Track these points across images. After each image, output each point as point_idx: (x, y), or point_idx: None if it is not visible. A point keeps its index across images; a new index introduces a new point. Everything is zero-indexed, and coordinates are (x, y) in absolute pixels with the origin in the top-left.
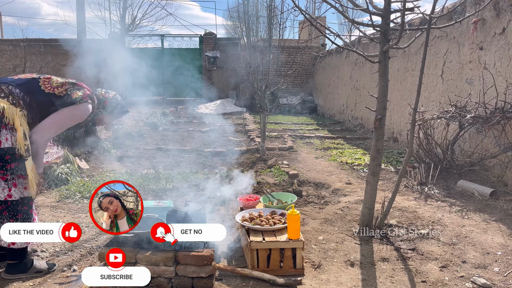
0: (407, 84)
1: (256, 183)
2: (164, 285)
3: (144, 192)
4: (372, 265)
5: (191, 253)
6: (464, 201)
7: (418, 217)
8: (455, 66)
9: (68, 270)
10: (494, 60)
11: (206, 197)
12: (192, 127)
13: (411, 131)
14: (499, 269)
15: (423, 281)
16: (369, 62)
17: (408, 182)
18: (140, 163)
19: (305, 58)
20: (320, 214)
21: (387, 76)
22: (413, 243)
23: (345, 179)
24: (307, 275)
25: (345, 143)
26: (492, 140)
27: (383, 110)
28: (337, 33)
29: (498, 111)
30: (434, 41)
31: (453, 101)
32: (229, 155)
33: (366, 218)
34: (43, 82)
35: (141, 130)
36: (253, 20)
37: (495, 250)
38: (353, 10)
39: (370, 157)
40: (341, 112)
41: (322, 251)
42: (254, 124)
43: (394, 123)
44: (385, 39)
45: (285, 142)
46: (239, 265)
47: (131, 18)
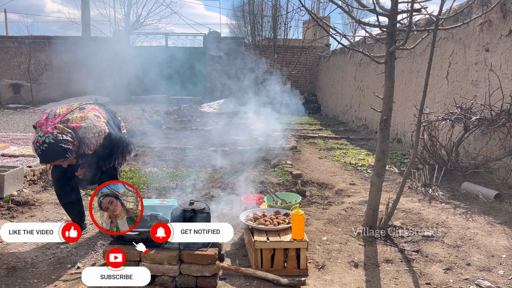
0: (412, 85)
1: (259, 182)
2: (168, 283)
3: (148, 191)
4: (376, 267)
5: (195, 252)
6: (469, 203)
7: (422, 218)
8: (461, 68)
9: (73, 267)
10: (500, 62)
11: (209, 195)
12: (195, 126)
13: (417, 132)
14: (504, 272)
15: (427, 283)
16: (373, 63)
17: (412, 183)
18: (144, 161)
19: (309, 58)
20: (323, 215)
21: (393, 77)
22: (417, 245)
23: (348, 179)
24: (311, 275)
25: (348, 144)
26: (497, 143)
27: (388, 111)
28: (343, 33)
29: (503, 113)
30: (440, 42)
31: (458, 102)
32: (232, 154)
33: (370, 219)
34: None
35: (145, 129)
36: (258, 20)
37: (499, 253)
38: (357, 10)
39: (375, 158)
40: (345, 113)
41: (326, 252)
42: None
43: (398, 124)
44: (391, 40)
45: (289, 142)
46: (243, 264)
47: (136, 16)
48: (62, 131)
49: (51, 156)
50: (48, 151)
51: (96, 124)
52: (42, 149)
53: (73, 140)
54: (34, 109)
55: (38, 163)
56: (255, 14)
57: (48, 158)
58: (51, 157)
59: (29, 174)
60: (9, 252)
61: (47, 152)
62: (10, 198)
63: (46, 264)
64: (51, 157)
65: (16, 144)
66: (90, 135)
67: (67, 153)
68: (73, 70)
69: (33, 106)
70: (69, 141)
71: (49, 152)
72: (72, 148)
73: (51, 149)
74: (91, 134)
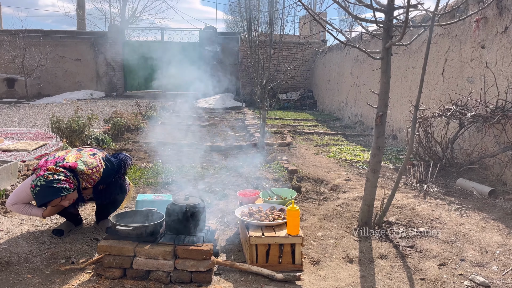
0: (408, 81)
1: (255, 178)
2: (163, 279)
3: (143, 186)
4: (371, 262)
5: (190, 247)
6: (463, 200)
7: (417, 214)
8: (456, 64)
9: (67, 262)
10: (496, 59)
11: (205, 191)
12: (191, 121)
13: (412, 128)
14: (497, 267)
15: (421, 279)
16: (370, 59)
17: (407, 179)
18: (139, 156)
19: (306, 54)
20: (319, 210)
21: (389, 73)
22: (411, 241)
23: (344, 175)
24: (306, 270)
25: (344, 140)
26: (492, 139)
27: (384, 107)
28: (340, 28)
29: (498, 110)
30: (435, 38)
31: (453, 99)
32: (228, 149)
33: (365, 215)
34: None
35: (140, 124)
36: (254, 15)
37: (493, 249)
38: (354, 6)
39: (370, 154)
40: (341, 109)
41: (321, 247)
42: (254, 119)
43: (394, 121)
44: (388, 36)
45: (285, 138)
46: (238, 260)
47: (131, 10)
48: (54, 172)
49: (45, 197)
50: (41, 193)
51: (92, 161)
52: (36, 192)
53: (67, 179)
54: (28, 103)
55: (32, 158)
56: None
57: (43, 199)
58: (45, 198)
59: (23, 169)
60: (3, 247)
61: (40, 194)
62: (3, 193)
63: (40, 259)
64: (45, 198)
65: (10, 138)
66: (89, 172)
67: (62, 192)
68: (68, 64)
69: (27, 101)
70: (61, 180)
71: (42, 194)
72: (67, 186)
73: (43, 190)
74: (89, 171)
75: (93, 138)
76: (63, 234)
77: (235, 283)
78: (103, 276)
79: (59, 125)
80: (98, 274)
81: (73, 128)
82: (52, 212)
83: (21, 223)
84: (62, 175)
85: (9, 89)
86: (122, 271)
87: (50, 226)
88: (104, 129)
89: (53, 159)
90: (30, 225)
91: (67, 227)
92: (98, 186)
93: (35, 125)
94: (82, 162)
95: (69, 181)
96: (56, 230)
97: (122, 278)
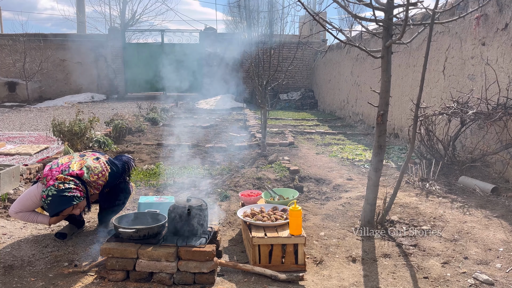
0: (408, 79)
1: (257, 178)
2: (166, 280)
3: (145, 188)
4: (374, 261)
5: (192, 249)
6: (466, 197)
7: (420, 213)
8: (457, 62)
9: (70, 265)
10: (497, 56)
11: (207, 192)
12: (192, 123)
13: (414, 127)
14: (501, 265)
15: (425, 277)
16: (370, 58)
17: (410, 178)
18: (141, 158)
19: (306, 53)
20: (321, 210)
21: (389, 72)
22: (414, 239)
23: (346, 175)
24: (309, 271)
25: (345, 139)
26: (493, 137)
27: (385, 105)
28: (340, 28)
29: (500, 107)
30: (436, 36)
31: (454, 97)
32: (230, 150)
33: (368, 214)
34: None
35: (142, 126)
36: (254, 15)
37: (497, 247)
38: (354, 5)
39: (372, 153)
40: (342, 108)
41: (324, 247)
42: (255, 119)
43: (395, 119)
44: (388, 34)
45: (286, 138)
46: (241, 260)
47: (131, 13)
48: (64, 181)
49: (58, 207)
50: (53, 202)
51: (97, 165)
52: (48, 202)
53: (77, 187)
54: (30, 107)
55: (34, 161)
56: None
57: (55, 208)
58: (58, 207)
59: (25, 173)
60: (6, 251)
61: (52, 204)
62: (6, 196)
63: (43, 262)
64: (58, 207)
65: (12, 142)
66: (95, 178)
67: (74, 200)
68: (69, 68)
69: (29, 104)
70: (72, 188)
71: (54, 204)
72: (78, 194)
73: (55, 200)
74: (95, 177)
75: (95, 140)
76: (66, 237)
77: (238, 284)
78: (106, 278)
79: (60, 128)
80: (101, 277)
81: (74, 131)
82: (58, 220)
83: (23, 226)
84: (72, 184)
85: (11, 93)
86: (125, 273)
87: (52, 230)
88: (105, 131)
89: (57, 167)
90: (32, 228)
91: (70, 230)
92: (104, 190)
93: (37, 128)
94: (87, 168)
95: (79, 189)
96: (59, 233)
97: (125, 280)
